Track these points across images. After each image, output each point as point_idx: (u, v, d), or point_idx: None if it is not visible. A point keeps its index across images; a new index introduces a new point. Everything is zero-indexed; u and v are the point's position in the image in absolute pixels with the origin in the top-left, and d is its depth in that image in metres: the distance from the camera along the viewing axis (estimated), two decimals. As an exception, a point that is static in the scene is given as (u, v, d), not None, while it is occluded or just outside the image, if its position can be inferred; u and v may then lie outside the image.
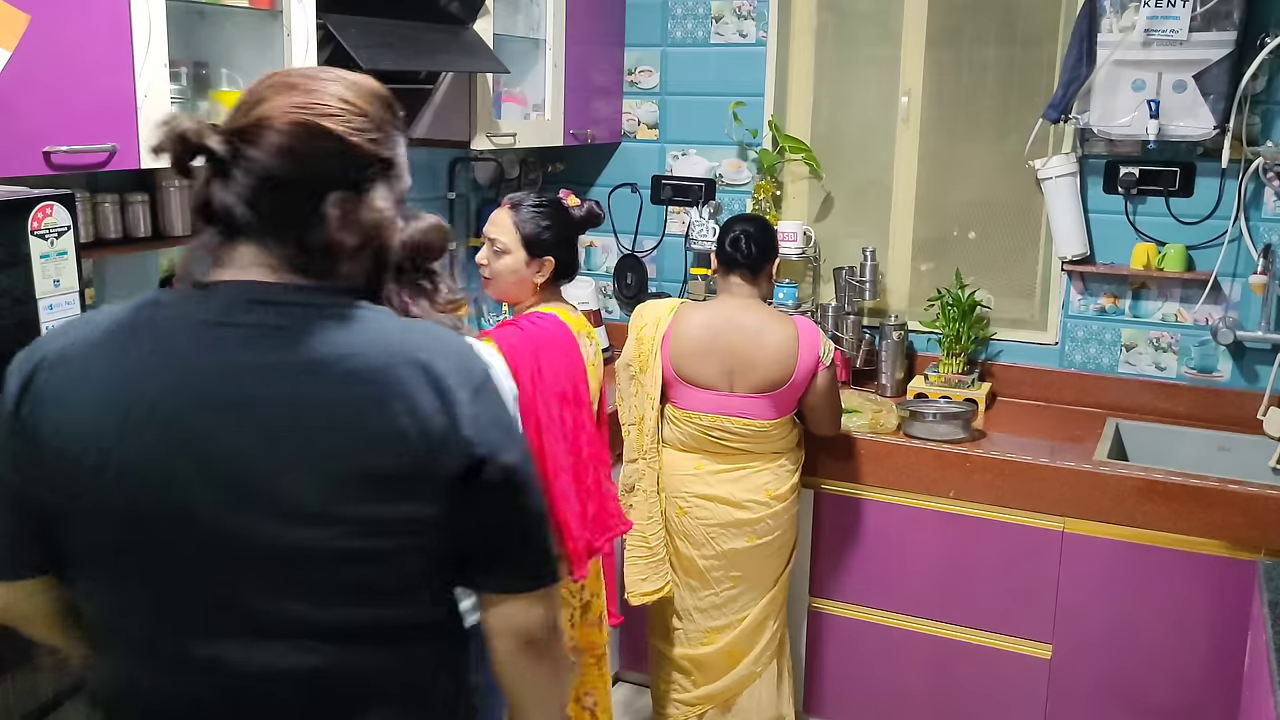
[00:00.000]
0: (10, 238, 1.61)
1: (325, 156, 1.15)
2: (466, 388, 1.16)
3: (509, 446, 1.19)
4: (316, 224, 1.14)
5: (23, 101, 1.74)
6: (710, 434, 2.67)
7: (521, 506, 1.22)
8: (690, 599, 2.76)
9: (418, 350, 1.16)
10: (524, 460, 1.22)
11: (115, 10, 1.87)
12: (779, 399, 2.65)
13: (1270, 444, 2.84)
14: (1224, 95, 2.82)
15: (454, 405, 1.14)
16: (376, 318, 1.19)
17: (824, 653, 3.06)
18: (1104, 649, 2.73)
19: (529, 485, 1.22)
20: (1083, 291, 3.19)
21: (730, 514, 2.67)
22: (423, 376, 1.14)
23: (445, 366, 1.16)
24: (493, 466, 1.16)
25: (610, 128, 3.57)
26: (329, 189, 1.14)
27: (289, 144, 1.13)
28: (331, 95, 1.17)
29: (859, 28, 3.42)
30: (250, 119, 1.14)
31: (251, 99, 1.16)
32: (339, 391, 1.12)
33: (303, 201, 1.14)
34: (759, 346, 2.63)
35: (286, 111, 1.13)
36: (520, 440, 1.23)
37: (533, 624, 1.25)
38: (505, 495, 1.19)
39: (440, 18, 2.68)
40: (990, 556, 2.80)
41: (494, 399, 1.20)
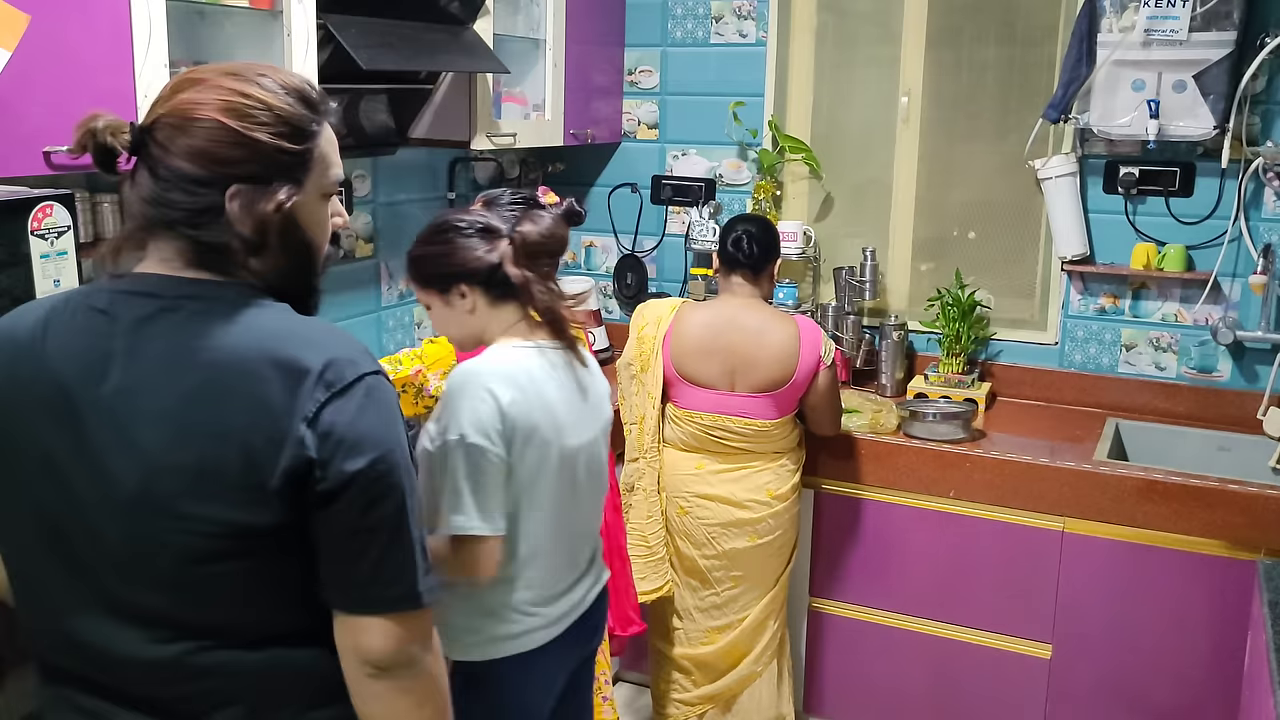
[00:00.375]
0: (10, 238, 1.61)
1: (220, 148, 1.15)
2: (328, 389, 1.13)
3: (356, 454, 1.13)
4: (213, 217, 1.16)
5: (23, 101, 1.74)
6: (711, 433, 2.67)
7: (370, 520, 1.16)
8: (691, 599, 2.76)
9: (284, 347, 1.14)
10: (379, 472, 1.15)
11: (115, 10, 1.87)
12: (780, 398, 2.66)
13: (1270, 444, 2.84)
14: (1224, 95, 2.82)
15: (301, 405, 1.12)
16: (260, 314, 1.18)
17: (824, 653, 3.06)
18: (1104, 649, 2.73)
19: (382, 499, 1.16)
20: (1083, 291, 3.19)
21: (731, 514, 2.67)
22: (278, 374, 1.13)
23: (311, 365, 1.14)
24: (331, 472, 1.13)
25: (610, 128, 3.57)
26: (227, 182, 1.15)
27: (182, 138, 1.14)
28: (232, 90, 1.17)
29: (859, 28, 3.42)
30: (150, 116, 1.17)
31: (159, 96, 1.19)
32: (187, 386, 1.13)
33: (200, 195, 1.15)
34: (760, 346, 2.63)
35: (181, 105, 1.15)
36: (386, 451, 1.16)
37: (377, 649, 1.18)
38: (348, 505, 1.14)
39: (440, 18, 2.68)
40: (990, 556, 2.80)
41: (363, 404, 1.15)
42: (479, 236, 1.80)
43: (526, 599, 1.82)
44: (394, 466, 1.17)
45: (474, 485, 1.71)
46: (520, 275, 1.79)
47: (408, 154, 3.11)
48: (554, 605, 1.86)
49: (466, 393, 1.73)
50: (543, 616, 1.84)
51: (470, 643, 1.81)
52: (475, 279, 1.80)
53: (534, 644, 1.84)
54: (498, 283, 1.81)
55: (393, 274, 3.16)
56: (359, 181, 3.00)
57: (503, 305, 1.83)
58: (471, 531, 1.71)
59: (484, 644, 1.81)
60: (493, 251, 1.79)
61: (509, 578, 1.80)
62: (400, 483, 1.17)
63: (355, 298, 3.03)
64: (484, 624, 1.81)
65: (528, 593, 1.82)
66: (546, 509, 1.81)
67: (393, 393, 1.21)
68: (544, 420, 1.78)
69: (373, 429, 1.15)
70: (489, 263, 1.79)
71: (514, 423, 1.74)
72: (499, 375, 1.75)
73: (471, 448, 1.70)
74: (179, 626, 1.17)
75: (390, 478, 1.16)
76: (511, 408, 1.73)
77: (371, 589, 1.18)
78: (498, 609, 1.81)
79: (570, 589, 1.90)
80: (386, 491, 1.16)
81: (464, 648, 1.80)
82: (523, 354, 1.81)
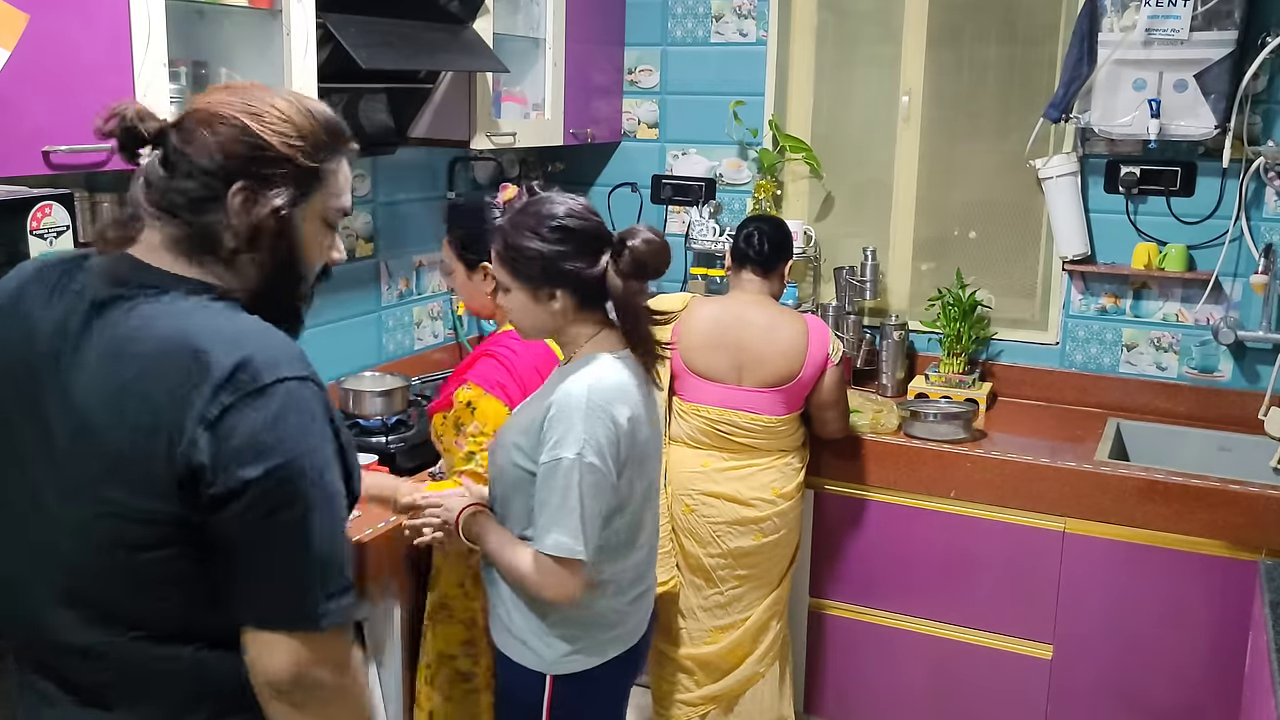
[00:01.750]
0: (10, 237, 1.61)
1: (235, 144, 1.19)
2: (237, 390, 1.10)
3: (254, 461, 1.09)
4: (213, 209, 1.19)
5: (23, 101, 1.74)
6: (718, 428, 2.67)
7: (266, 531, 1.11)
8: (695, 598, 2.76)
9: (202, 343, 1.12)
10: (277, 480, 1.10)
11: (115, 10, 1.87)
12: (787, 395, 2.66)
13: (1271, 444, 2.84)
14: (1225, 95, 2.81)
15: (201, 404, 1.10)
16: (203, 311, 1.17)
17: (824, 653, 3.05)
18: (1104, 649, 2.73)
19: (280, 509, 1.11)
20: (1083, 291, 3.18)
21: (737, 511, 2.67)
22: (191, 369, 1.11)
23: (221, 364, 1.11)
24: (223, 477, 1.09)
25: (610, 127, 3.57)
26: (234, 177, 1.19)
27: (204, 131, 1.19)
28: (261, 99, 1.23)
29: (859, 27, 3.42)
30: (181, 114, 1.23)
31: (194, 99, 1.24)
32: (119, 374, 1.14)
33: (206, 184, 1.19)
34: (769, 341, 2.64)
35: (211, 105, 1.21)
36: (290, 460, 1.11)
37: (274, 669, 1.14)
38: (242, 513, 1.10)
39: (440, 17, 2.68)
40: (991, 556, 2.80)
41: (274, 409, 1.11)
42: (585, 241, 1.75)
43: (631, 597, 1.86)
44: (296, 476, 1.12)
45: (584, 507, 1.69)
46: (624, 292, 1.75)
47: (407, 153, 3.11)
48: (649, 596, 1.92)
49: (591, 412, 1.70)
50: (642, 609, 1.90)
51: (577, 651, 1.81)
52: (575, 285, 1.76)
53: (637, 637, 1.89)
54: (594, 293, 1.77)
55: (392, 274, 3.16)
56: (358, 181, 3.00)
57: (589, 312, 1.80)
58: (571, 555, 1.70)
59: (594, 650, 1.83)
60: (597, 262, 1.75)
61: (621, 581, 1.83)
62: (304, 494, 1.12)
63: (355, 298, 3.02)
64: (591, 631, 1.82)
65: (631, 592, 1.86)
66: (651, 512, 1.86)
67: (317, 400, 1.16)
68: (645, 433, 1.80)
69: (279, 436, 1.11)
70: (592, 275, 1.74)
71: (631, 443, 1.75)
72: (619, 396, 1.74)
73: (589, 468, 1.69)
74: (107, 614, 1.17)
75: (290, 488, 1.11)
76: (631, 430, 1.74)
77: (267, 604, 1.14)
78: (610, 612, 1.83)
79: (651, 587, 1.95)
80: (286, 502, 1.11)
81: (570, 660, 1.81)
82: (628, 364, 1.80)
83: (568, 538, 1.69)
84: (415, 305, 3.28)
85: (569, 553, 1.69)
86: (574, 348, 1.82)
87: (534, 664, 1.83)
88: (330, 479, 1.15)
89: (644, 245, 1.74)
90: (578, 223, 1.75)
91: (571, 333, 1.81)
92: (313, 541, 1.13)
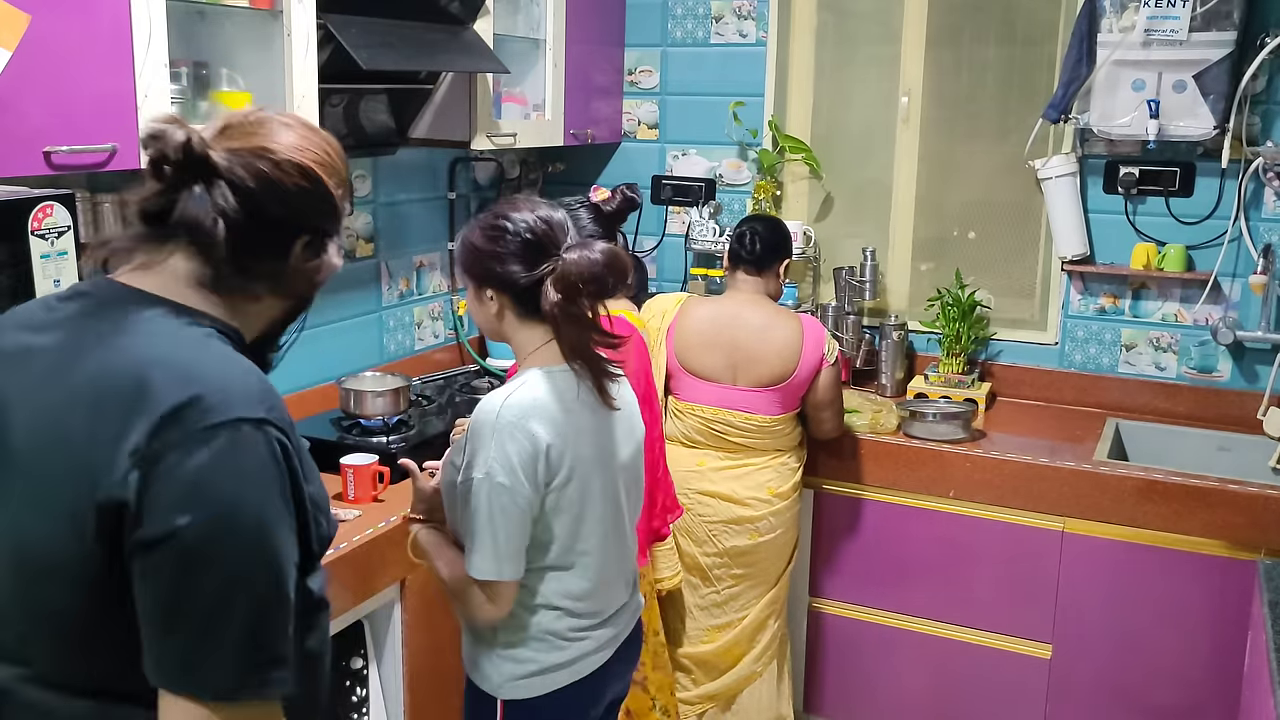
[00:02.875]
0: (11, 238, 1.61)
1: (308, 198, 1.18)
2: (180, 429, 1.01)
3: (185, 508, 1.00)
4: (278, 256, 1.17)
5: (23, 101, 1.74)
6: (713, 427, 2.67)
7: (189, 586, 1.00)
8: (691, 597, 2.76)
9: (154, 372, 1.04)
10: (208, 534, 1.00)
11: (115, 10, 1.87)
12: (782, 394, 2.67)
13: (1270, 444, 2.84)
14: (1224, 95, 2.82)
15: (137, 438, 1.01)
16: (171, 336, 1.10)
17: (824, 653, 3.06)
18: (1104, 649, 2.73)
19: (207, 565, 1.00)
20: (1083, 291, 3.19)
21: (733, 511, 2.67)
22: (133, 399, 1.03)
23: (165, 398, 1.02)
24: (150, 521, 1.00)
25: (610, 128, 3.57)
26: (301, 230, 1.18)
27: (282, 178, 1.15)
28: (320, 146, 1.21)
29: (859, 28, 3.42)
30: (251, 145, 1.15)
31: (247, 126, 1.18)
32: (63, 393, 1.07)
33: (272, 233, 1.16)
34: (764, 341, 2.64)
35: (287, 148, 1.17)
36: (226, 511, 1.02)
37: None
38: (164, 564, 1.00)
39: (440, 18, 2.68)
40: (990, 556, 2.80)
41: (219, 452, 1.02)
42: (525, 248, 1.68)
43: (580, 625, 1.78)
44: (230, 532, 1.01)
45: (494, 528, 1.64)
46: (552, 305, 1.66)
47: (408, 154, 3.11)
48: (605, 628, 1.82)
49: (501, 429, 1.64)
50: (594, 640, 1.80)
51: (523, 676, 1.75)
52: (505, 290, 1.71)
53: (590, 669, 1.80)
54: (529, 301, 1.70)
55: (393, 274, 3.16)
56: (359, 181, 3.00)
57: (533, 321, 1.73)
58: (487, 577, 1.66)
59: (538, 675, 1.76)
60: (533, 270, 1.67)
61: (563, 607, 1.75)
62: (236, 554, 1.02)
63: (355, 298, 3.03)
64: (536, 655, 1.75)
65: (578, 620, 1.78)
66: (597, 536, 1.76)
67: (270, 445, 1.06)
68: (584, 452, 1.72)
69: (219, 483, 1.01)
70: (522, 280, 1.68)
71: (556, 462, 1.67)
72: (536, 412, 1.66)
73: (498, 488, 1.63)
74: (15, 651, 1.10)
75: (222, 545, 1.01)
76: (552, 448, 1.66)
77: (182, 668, 1.02)
78: (551, 638, 1.76)
79: (619, 611, 1.86)
80: (214, 558, 1.01)
81: (516, 685, 1.75)
82: (557, 380, 1.72)
83: (481, 559, 1.65)
84: (416, 305, 3.28)
85: (483, 575, 1.65)
86: (521, 356, 1.77)
87: (485, 685, 1.78)
88: (272, 536, 1.05)
89: (579, 259, 1.66)
90: (523, 229, 1.69)
91: (517, 340, 1.76)
92: (238, 604, 1.02)
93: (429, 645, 2.39)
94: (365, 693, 2.31)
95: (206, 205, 1.12)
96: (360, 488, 2.33)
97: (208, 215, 1.12)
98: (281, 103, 2.23)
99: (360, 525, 2.22)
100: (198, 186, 1.12)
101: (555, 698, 1.76)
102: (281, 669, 1.06)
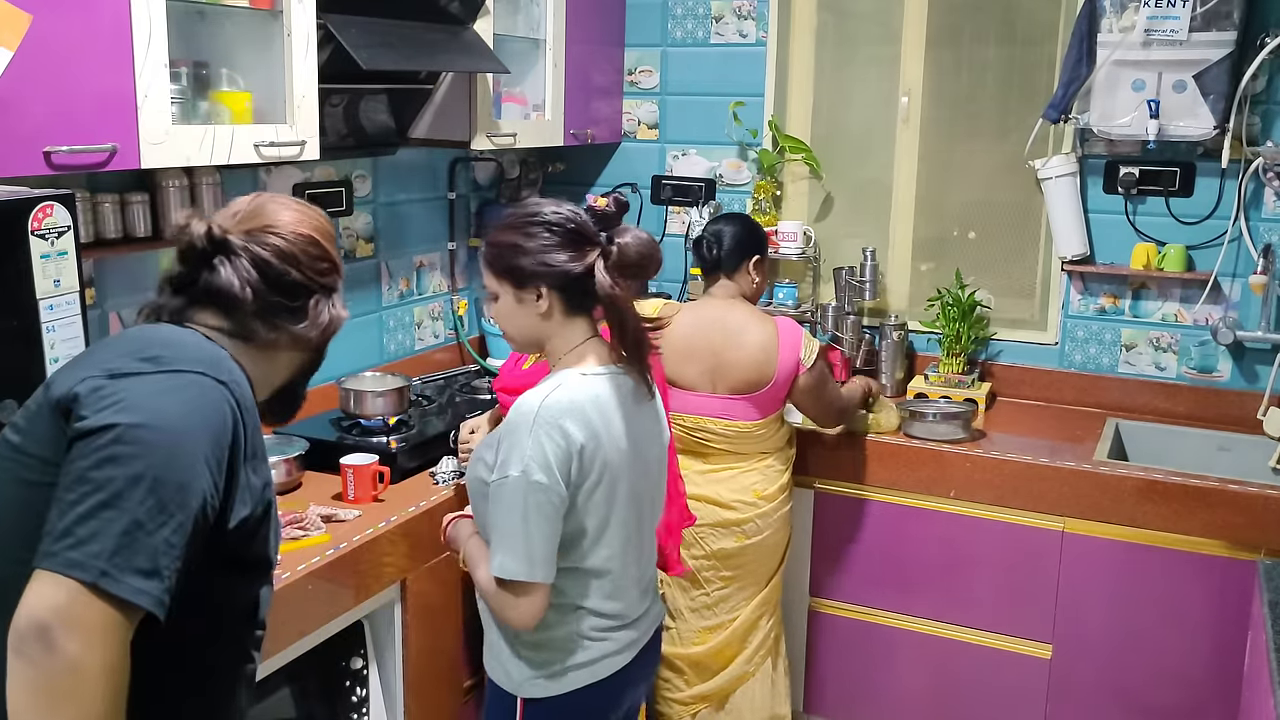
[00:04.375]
0: (11, 238, 1.61)
1: (314, 261, 1.39)
2: (147, 363, 1.22)
3: (121, 411, 1.14)
4: (295, 314, 1.38)
5: (23, 101, 1.74)
6: (694, 435, 2.66)
7: (94, 476, 1.11)
8: (682, 599, 2.76)
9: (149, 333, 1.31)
10: (132, 437, 1.12)
11: (115, 10, 1.87)
12: (760, 400, 2.63)
13: (1270, 444, 2.84)
14: (1224, 95, 2.82)
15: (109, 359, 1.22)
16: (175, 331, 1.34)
17: (824, 653, 3.06)
18: (1104, 649, 2.73)
19: (117, 462, 1.11)
20: (1083, 291, 3.19)
21: (718, 514, 2.66)
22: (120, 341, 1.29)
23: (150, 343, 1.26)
24: (91, 416, 1.14)
25: (610, 128, 3.57)
26: (311, 289, 1.39)
27: (290, 247, 1.37)
28: (314, 216, 1.43)
29: (859, 28, 3.42)
30: (259, 225, 1.37)
31: (252, 211, 1.39)
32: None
33: (288, 294, 1.37)
34: (738, 347, 2.60)
35: (290, 223, 1.39)
36: (157, 426, 1.14)
37: (29, 608, 1.07)
38: (83, 454, 1.12)
39: (440, 18, 2.68)
40: (990, 556, 2.80)
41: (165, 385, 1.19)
42: (571, 238, 1.69)
43: (601, 625, 1.77)
44: (156, 442, 1.13)
45: (528, 527, 1.63)
46: (610, 289, 1.68)
47: (408, 154, 3.11)
48: (626, 630, 1.81)
49: (538, 427, 1.64)
50: (615, 641, 1.79)
51: (543, 675, 1.75)
52: (557, 283, 1.70)
53: (609, 670, 1.79)
54: (579, 292, 1.71)
55: (392, 274, 3.16)
56: (359, 181, 3.00)
57: (576, 317, 1.74)
58: (515, 577, 1.64)
59: (559, 675, 1.75)
60: (583, 258, 1.69)
61: (585, 607, 1.75)
62: (154, 461, 1.12)
63: (355, 298, 3.02)
64: (558, 654, 1.75)
65: (602, 620, 1.77)
66: (619, 540, 1.76)
67: (222, 405, 1.23)
68: (614, 455, 1.71)
69: (166, 402, 1.18)
70: (577, 269, 1.69)
71: (588, 463, 1.67)
72: (573, 412, 1.66)
73: (534, 486, 1.62)
74: None
75: (147, 446, 1.13)
76: (585, 449, 1.66)
77: (63, 540, 1.08)
78: (572, 638, 1.75)
79: (641, 616, 1.85)
80: (134, 456, 1.12)
81: (536, 683, 1.75)
82: (595, 383, 1.72)
83: (511, 559, 1.63)
84: (416, 305, 3.28)
85: (512, 574, 1.63)
86: (556, 358, 1.77)
87: (505, 683, 1.78)
88: (193, 466, 1.16)
89: (633, 241, 1.71)
90: (563, 219, 1.71)
91: (557, 341, 1.75)
92: (135, 501, 1.11)
93: (429, 645, 2.39)
94: (365, 693, 2.31)
95: (231, 276, 1.33)
96: (360, 488, 2.33)
97: (233, 284, 1.33)
98: (281, 103, 2.24)
99: (360, 525, 2.22)
100: (222, 265, 1.33)
101: (574, 698, 1.76)
102: (152, 580, 1.11)
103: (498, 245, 1.73)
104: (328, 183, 2.87)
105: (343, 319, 1.43)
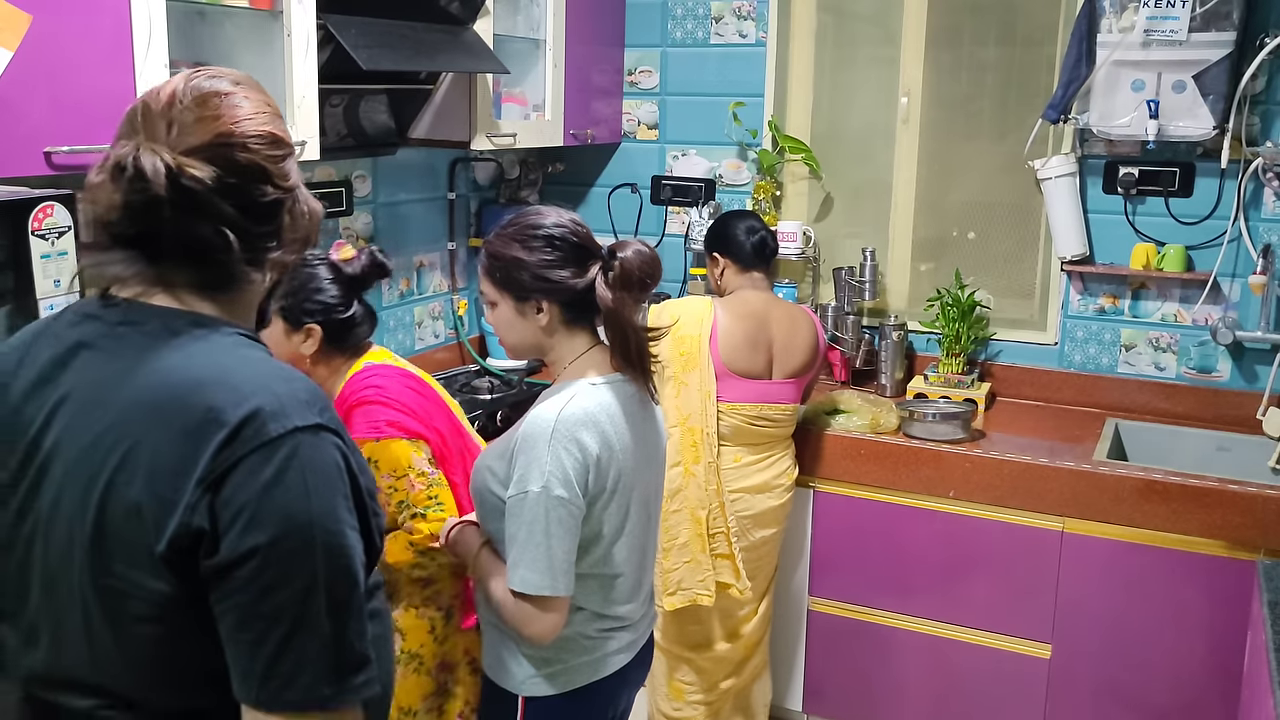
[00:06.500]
0: (10, 238, 1.61)
1: (282, 163, 1.14)
2: (243, 446, 1.01)
3: (258, 528, 1.00)
4: (276, 231, 1.14)
5: (23, 101, 1.75)
6: (754, 424, 2.71)
7: (268, 605, 1.01)
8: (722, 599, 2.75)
9: (204, 392, 1.03)
10: (285, 551, 1.01)
11: (115, 10, 1.87)
12: (804, 382, 2.82)
13: (1269, 444, 2.84)
14: (1223, 95, 2.82)
15: (202, 465, 1.01)
16: (201, 348, 1.08)
17: (824, 653, 3.06)
18: (1104, 649, 2.73)
19: (285, 582, 1.01)
20: (1082, 292, 3.19)
21: (764, 502, 2.73)
22: (188, 423, 1.02)
23: (226, 418, 1.02)
24: (225, 546, 1.00)
25: (610, 128, 3.57)
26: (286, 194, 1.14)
27: (255, 159, 1.10)
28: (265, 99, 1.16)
29: (859, 28, 3.42)
30: (214, 134, 1.09)
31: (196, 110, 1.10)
32: (100, 426, 1.05)
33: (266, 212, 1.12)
34: (795, 334, 2.75)
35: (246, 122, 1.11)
36: (299, 527, 1.02)
37: None
38: (244, 585, 1.01)
39: (440, 18, 2.68)
40: (990, 556, 2.81)
41: (282, 467, 1.02)
42: (573, 252, 1.70)
43: (604, 626, 1.78)
44: (304, 546, 1.02)
45: (550, 541, 1.63)
46: (613, 303, 1.69)
47: (408, 154, 3.11)
48: (627, 631, 1.82)
49: (556, 441, 1.64)
50: (617, 641, 1.80)
51: (546, 674, 1.75)
52: (557, 297, 1.71)
53: (609, 670, 1.80)
54: (581, 305, 1.72)
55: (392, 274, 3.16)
56: (359, 182, 3.01)
57: (577, 329, 1.75)
58: (538, 591, 1.64)
59: (561, 674, 1.75)
60: (584, 273, 1.70)
61: (590, 609, 1.76)
62: (312, 566, 1.03)
63: (355, 298, 3.02)
64: (562, 654, 1.75)
65: (606, 622, 1.78)
66: (629, 545, 1.76)
67: (329, 454, 1.06)
68: (627, 464, 1.72)
69: (287, 499, 1.02)
70: (579, 285, 1.69)
71: (603, 473, 1.68)
72: (588, 423, 1.67)
73: (556, 501, 1.62)
74: (94, 683, 1.09)
75: (298, 559, 1.02)
76: (601, 459, 1.67)
77: (269, 684, 1.02)
78: (575, 638, 1.75)
79: (641, 618, 1.86)
80: (292, 574, 1.02)
81: (538, 682, 1.75)
82: (603, 392, 1.72)
83: (534, 574, 1.63)
84: (416, 305, 3.28)
85: (536, 589, 1.63)
86: (560, 367, 1.77)
87: (507, 684, 1.78)
88: (343, 542, 1.05)
89: (635, 256, 1.70)
90: (565, 233, 1.71)
91: (559, 351, 1.76)
92: (321, 615, 1.03)
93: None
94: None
95: (209, 227, 1.08)
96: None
97: (210, 231, 1.08)
98: (281, 103, 2.24)
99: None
100: (194, 210, 1.07)
101: (575, 696, 1.77)
102: (368, 670, 1.08)
103: (498, 256, 1.73)
104: (328, 183, 2.88)
105: (320, 211, 1.20)
